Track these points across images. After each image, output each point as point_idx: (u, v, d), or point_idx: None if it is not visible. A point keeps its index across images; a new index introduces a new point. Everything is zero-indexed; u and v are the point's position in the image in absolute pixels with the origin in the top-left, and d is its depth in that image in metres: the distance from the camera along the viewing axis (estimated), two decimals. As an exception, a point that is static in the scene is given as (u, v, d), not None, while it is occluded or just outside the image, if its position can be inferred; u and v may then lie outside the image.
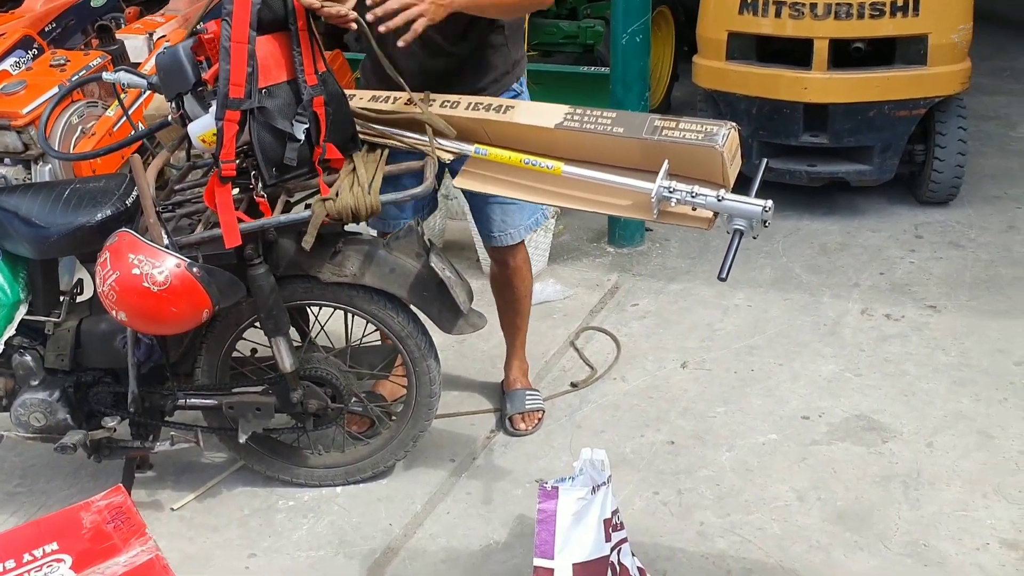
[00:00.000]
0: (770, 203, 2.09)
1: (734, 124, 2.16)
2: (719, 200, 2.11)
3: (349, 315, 2.57)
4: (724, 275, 2.11)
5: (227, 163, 2.08)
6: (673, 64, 5.95)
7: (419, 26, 2.15)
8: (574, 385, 3.18)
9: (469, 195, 2.74)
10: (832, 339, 3.37)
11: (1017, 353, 3.21)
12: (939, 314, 3.50)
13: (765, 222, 2.10)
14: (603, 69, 5.05)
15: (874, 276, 3.82)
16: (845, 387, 3.08)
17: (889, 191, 4.52)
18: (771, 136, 4.30)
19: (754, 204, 2.09)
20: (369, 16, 2.12)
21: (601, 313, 3.69)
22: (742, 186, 2.16)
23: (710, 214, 2.19)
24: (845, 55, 4.08)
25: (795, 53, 4.13)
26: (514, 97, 2.58)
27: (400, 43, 2.14)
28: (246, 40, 2.04)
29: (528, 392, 3.02)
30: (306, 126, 2.17)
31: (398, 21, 2.12)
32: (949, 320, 3.45)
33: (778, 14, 4.05)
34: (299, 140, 2.16)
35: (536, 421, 2.95)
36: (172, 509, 2.68)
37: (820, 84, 4.07)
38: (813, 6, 3.96)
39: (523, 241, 2.83)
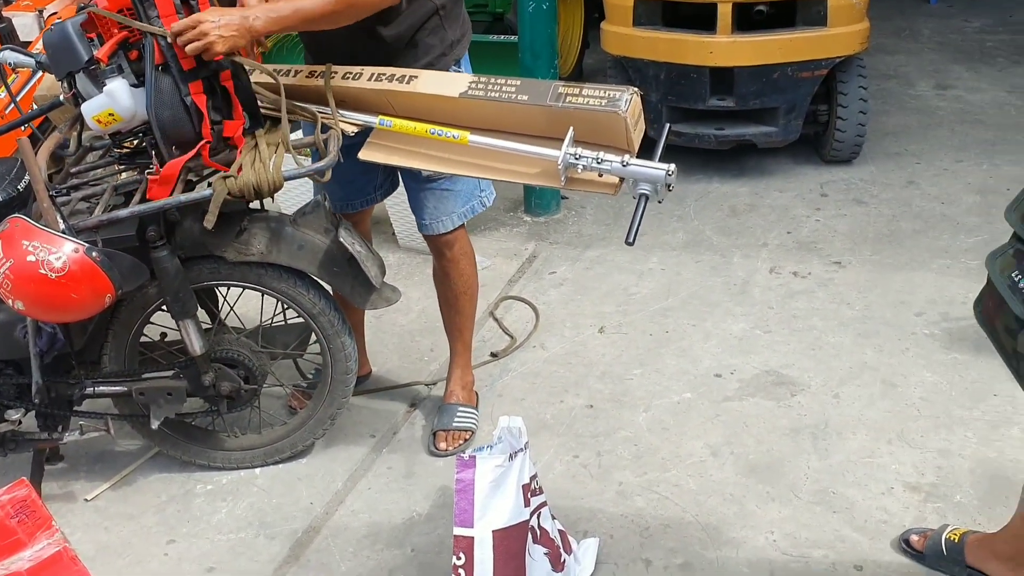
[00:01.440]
0: (673, 167, 2.11)
1: (636, 89, 2.17)
2: (624, 166, 2.13)
3: (260, 294, 2.53)
4: (632, 239, 2.13)
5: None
6: (584, 32, 5.97)
7: (210, 57, 2.09)
8: (494, 355, 3.19)
9: (404, 179, 2.67)
10: (742, 298, 3.45)
11: (917, 304, 3.33)
12: (844, 269, 3.60)
13: (669, 186, 2.13)
14: (512, 37, 5.04)
15: (782, 235, 3.91)
16: (755, 344, 3.16)
17: (795, 151, 4.63)
18: (679, 101, 4.35)
19: (658, 168, 2.11)
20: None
21: (519, 282, 3.71)
22: (649, 150, 2.19)
23: (616, 179, 2.21)
24: (748, 18, 4.15)
25: (700, 18, 4.18)
26: None
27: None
28: (174, 11, 2.01)
29: (461, 408, 2.81)
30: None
31: (191, 52, 2.05)
32: (853, 275, 3.56)
33: (682, -21, 4.09)
34: (203, 115, 2.11)
35: (461, 442, 2.74)
36: (86, 500, 2.62)
37: (725, 48, 4.13)
38: (716, -30, 4.00)
39: (461, 229, 2.67)
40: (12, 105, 3.75)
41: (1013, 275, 1.58)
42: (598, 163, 2.16)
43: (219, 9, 2.11)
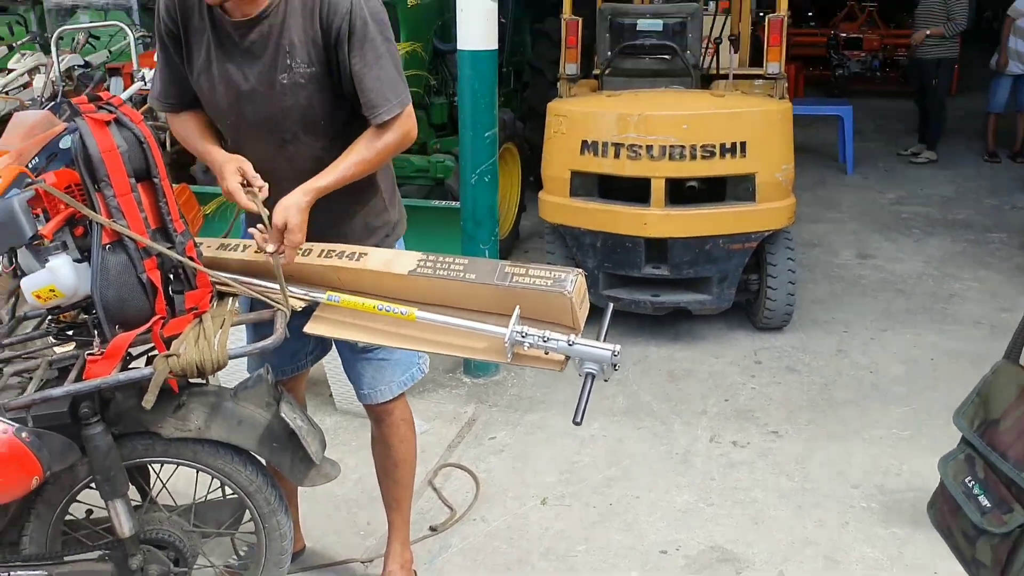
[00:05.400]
0: (618, 347, 2.14)
1: (581, 271, 2.22)
2: (570, 345, 2.15)
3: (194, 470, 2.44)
4: (579, 419, 2.14)
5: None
6: (520, 196, 6.16)
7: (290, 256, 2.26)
8: (433, 529, 3.10)
9: (339, 349, 2.65)
10: (685, 468, 3.45)
11: (854, 475, 3.36)
12: (781, 439, 3.64)
13: (615, 366, 2.15)
14: (453, 203, 5.16)
15: (720, 403, 3.96)
16: (699, 517, 3.14)
17: (728, 317, 4.76)
18: (615, 268, 4.47)
19: (603, 348, 2.14)
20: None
21: (459, 448, 3.66)
22: (590, 318, 2.22)
23: (562, 357, 2.23)
24: (681, 192, 4.33)
25: (635, 190, 4.35)
26: None
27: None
28: (130, 190, 2.02)
29: None
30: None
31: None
32: (791, 444, 3.60)
33: (617, 155, 4.27)
34: (158, 289, 2.09)
35: None
36: None
37: (659, 220, 4.28)
38: (649, 148, 4.20)
39: (401, 397, 2.65)
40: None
41: (967, 481, 1.61)
42: (544, 341, 2.18)
43: (279, 206, 2.21)
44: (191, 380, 2.23)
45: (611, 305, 2.38)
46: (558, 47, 6.83)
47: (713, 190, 4.37)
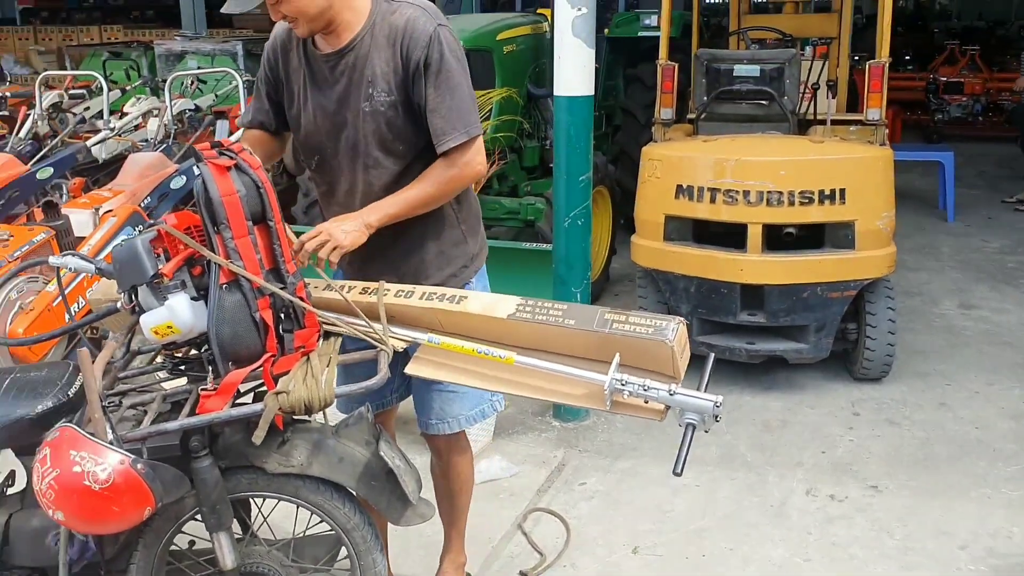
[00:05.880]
0: (720, 399, 2.12)
1: (682, 319, 2.22)
2: (671, 394, 2.13)
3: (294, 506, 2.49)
4: (679, 469, 2.12)
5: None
6: (611, 238, 6.16)
7: (335, 257, 2.30)
8: (523, 574, 3.09)
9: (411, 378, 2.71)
10: (780, 521, 3.37)
11: (960, 536, 3.23)
12: (881, 494, 3.53)
13: (716, 417, 2.13)
14: (543, 246, 5.19)
15: (816, 455, 3.86)
16: (795, 572, 3.05)
17: (825, 367, 4.65)
18: (710, 314, 4.42)
19: (705, 399, 2.12)
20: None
21: (548, 492, 3.64)
22: (690, 367, 2.20)
23: (662, 406, 2.22)
24: (778, 238, 4.27)
25: (730, 235, 4.31)
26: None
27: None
28: (247, 232, 2.11)
29: None
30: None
31: (323, 256, 2.27)
32: (891, 501, 3.48)
33: (713, 200, 4.25)
34: (269, 328, 2.16)
35: None
36: None
37: (755, 266, 4.23)
38: (746, 193, 4.16)
39: (462, 433, 2.71)
40: (58, 300, 3.86)
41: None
42: (644, 390, 2.17)
43: (340, 217, 2.35)
44: (296, 417, 2.29)
45: (712, 355, 2.36)
46: (650, 91, 6.87)
47: (811, 237, 4.30)
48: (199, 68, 8.13)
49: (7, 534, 2.33)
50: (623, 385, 2.17)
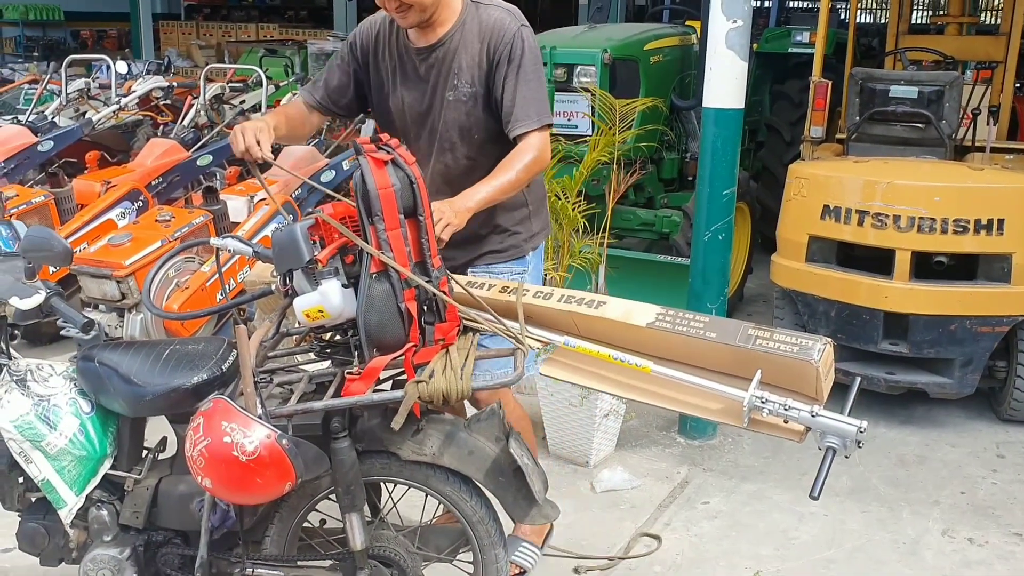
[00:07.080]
0: (865, 424, 2.06)
1: (830, 340, 2.16)
2: (813, 416, 2.08)
3: (423, 494, 2.54)
4: (816, 493, 2.06)
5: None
6: (748, 257, 6.04)
7: (446, 235, 2.37)
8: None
9: None
10: (912, 560, 3.23)
11: (1114, 595, 3.03)
12: (1026, 543, 3.34)
13: (859, 443, 2.06)
14: (679, 259, 5.13)
15: (955, 495, 3.68)
16: (928, 615, 2.93)
17: (967, 404, 4.43)
18: (849, 340, 4.27)
19: (849, 423, 2.06)
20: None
21: (670, 508, 3.60)
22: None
23: (802, 427, 2.16)
24: (928, 267, 4.10)
25: (876, 260, 4.16)
26: (524, 268, 2.86)
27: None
28: (399, 225, 2.19)
29: (525, 543, 2.95)
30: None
31: (436, 232, 2.32)
32: (1038, 551, 3.29)
33: (860, 223, 4.11)
34: (414, 318, 2.22)
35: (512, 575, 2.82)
36: None
37: (901, 294, 4.07)
38: (896, 218, 4.01)
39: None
40: (214, 278, 4.06)
41: None
42: (785, 410, 2.12)
43: (444, 201, 2.45)
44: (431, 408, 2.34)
45: (858, 379, 2.29)
46: (797, 108, 6.72)
47: (961, 267, 4.10)
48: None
49: (156, 497, 2.47)
50: (763, 403, 2.13)
